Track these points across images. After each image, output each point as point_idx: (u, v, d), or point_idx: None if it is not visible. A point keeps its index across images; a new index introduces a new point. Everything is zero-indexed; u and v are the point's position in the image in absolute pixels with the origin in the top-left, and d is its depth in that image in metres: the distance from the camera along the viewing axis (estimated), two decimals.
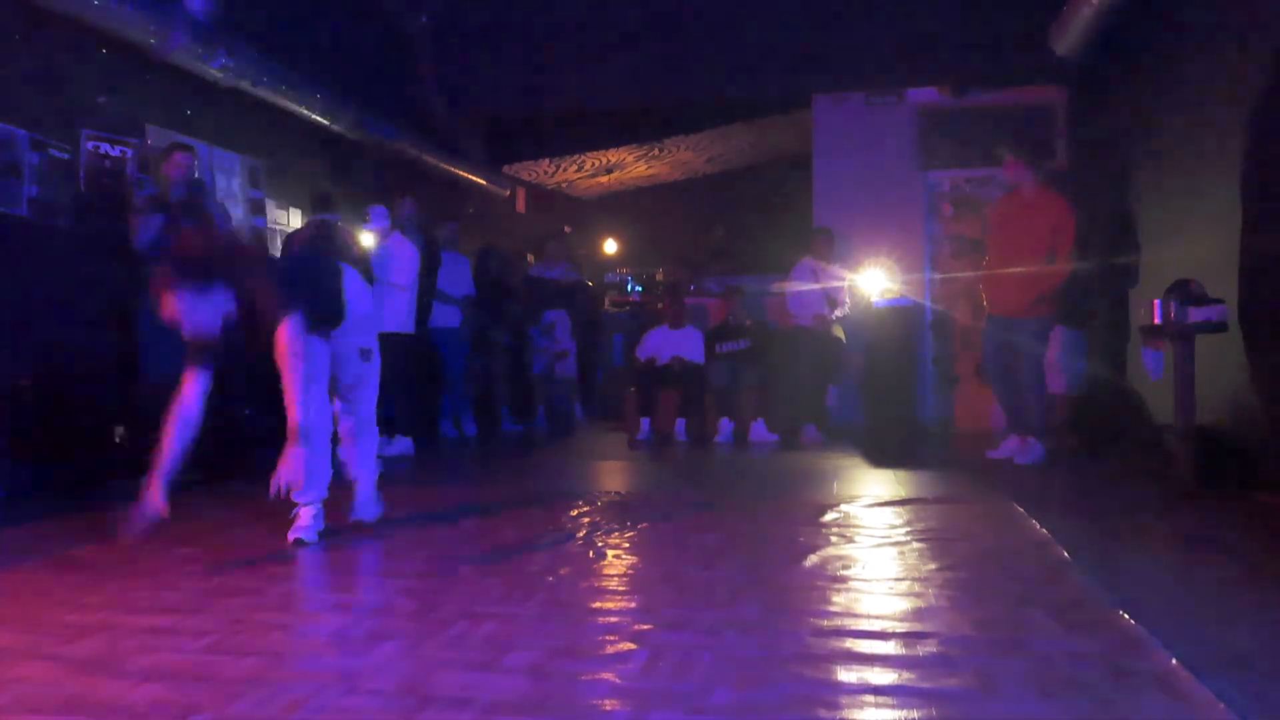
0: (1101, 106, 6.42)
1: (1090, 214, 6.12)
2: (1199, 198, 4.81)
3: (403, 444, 5.81)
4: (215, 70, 5.29)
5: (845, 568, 2.85)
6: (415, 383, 6.00)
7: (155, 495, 2.86)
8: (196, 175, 4.97)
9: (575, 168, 10.10)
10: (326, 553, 3.17)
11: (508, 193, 9.69)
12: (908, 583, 2.66)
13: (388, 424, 5.91)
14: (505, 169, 9.55)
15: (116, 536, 2.89)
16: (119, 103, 5.07)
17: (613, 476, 5.22)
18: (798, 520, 3.60)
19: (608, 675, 1.95)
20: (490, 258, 7.84)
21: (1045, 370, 5.24)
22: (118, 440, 4.77)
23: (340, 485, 3.45)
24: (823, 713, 1.74)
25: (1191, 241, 4.82)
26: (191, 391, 2.94)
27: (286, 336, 2.92)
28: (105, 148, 4.99)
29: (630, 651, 2.09)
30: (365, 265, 5.69)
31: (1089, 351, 6.01)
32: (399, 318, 5.96)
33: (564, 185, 10.94)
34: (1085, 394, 5.89)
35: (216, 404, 4.78)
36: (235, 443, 4.90)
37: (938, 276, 7.48)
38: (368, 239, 6.04)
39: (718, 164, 10.72)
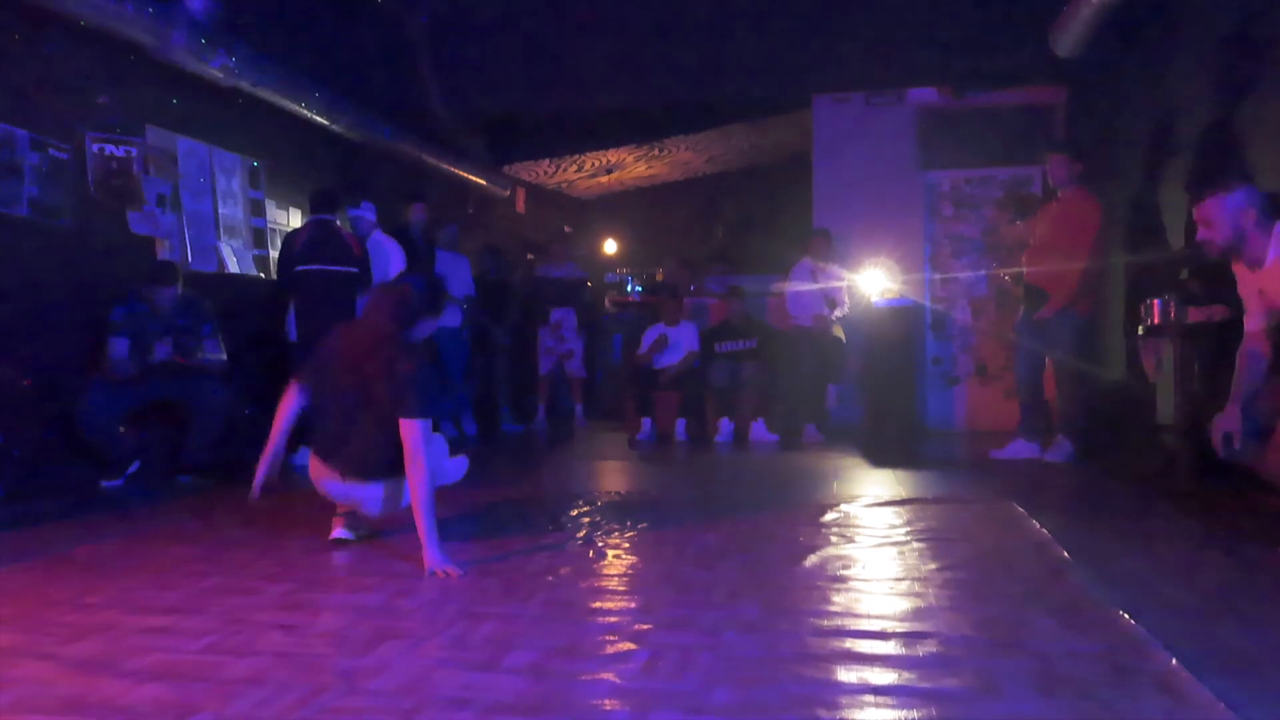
0: (1101, 106, 6.42)
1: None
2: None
3: None
4: (215, 70, 5.28)
5: (845, 568, 2.85)
6: None
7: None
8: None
9: (575, 168, 10.10)
10: (326, 553, 3.17)
11: (508, 193, 9.69)
12: (908, 583, 2.66)
13: None
14: (505, 169, 9.55)
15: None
16: (119, 103, 5.07)
17: (613, 476, 5.21)
18: (798, 520, 3.60)
19: (608, 675, 1.95)
20: (490, 258, 7.85)
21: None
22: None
23: None
24: (823, 713, 1.74)
25: (1191, 240, 4.83)
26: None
27: None
28: (110, 149, 5.00)
29: (630, 651, 2.09)
30: (365, 268, 5.68)
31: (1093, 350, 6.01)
32: None
33: (564, 185, 10.94)
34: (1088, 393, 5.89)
35: (221, 405, 4.84)
36: (235, 444, 4.91)
37: (938, 277, 7.48)
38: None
39: (718, 164, 10.71)
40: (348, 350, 3.17)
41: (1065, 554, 2.93)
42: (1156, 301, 4.29)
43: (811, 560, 2.95)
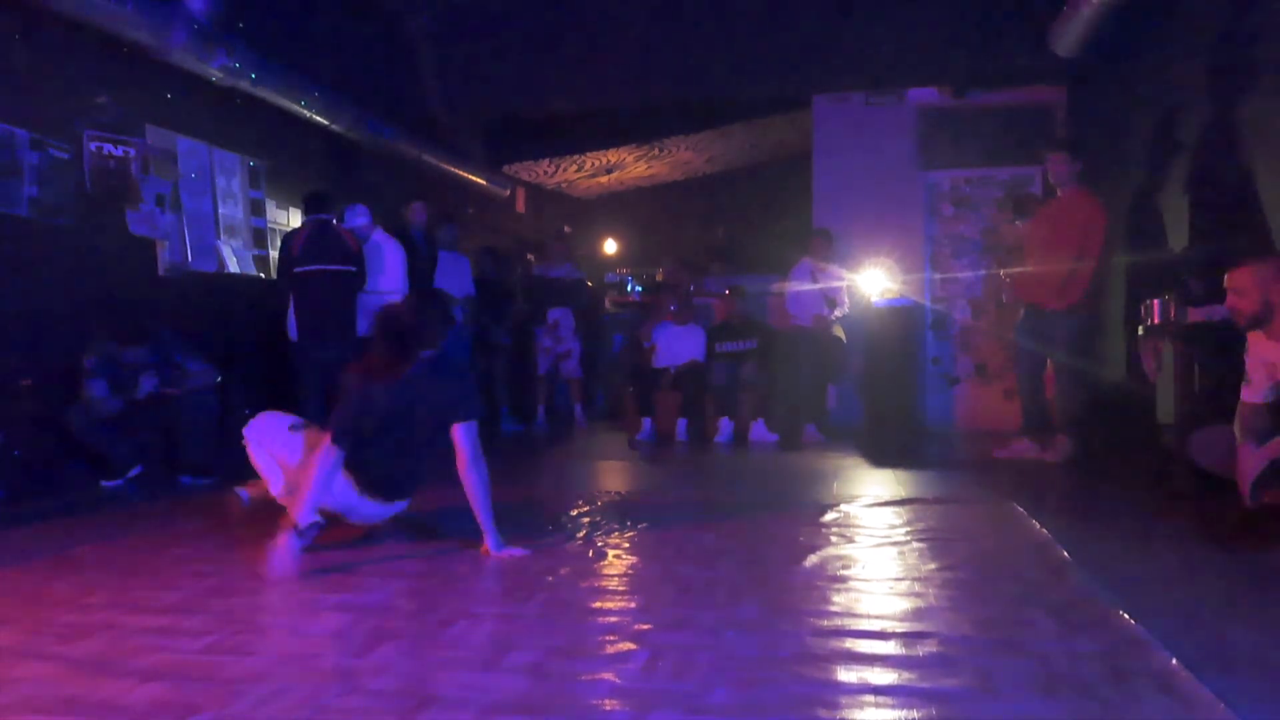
0: (1101, 106, 6.42)
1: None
2: (1199, 197, 4.82)
3: None
4: (215, 70, 5.29)
5: (845, 568, 2.85)
6: None
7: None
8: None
9: (575, 168, 10.10)
10: (326, 553, 3.17)
11: (508, 193, 9.69)
12: (908, 583, 2.66)
13: None
14: (505, 169, 9.55)
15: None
16: (119, 103, 5.07)
17: (613, 476, 5.21)
18: (798, 520, 3.60)
19: (608, 675, 1.95)
20: (489, 258, 7.84)
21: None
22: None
23: None
24: (823, 713, 1.74)
25: (1192, 240, 4.83)
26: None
27: None
28: (109, 148, 5.00)
29: (630, 651, 2.09)
30: (361, 267, 5.69)
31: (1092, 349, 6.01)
32: None
33: (564, 185, 10.94)
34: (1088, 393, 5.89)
35: (219, 407, 4.84)
36: (234, 444, 4.90)
37: (938, 277, 7.48)
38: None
39: (718, 164, 10.71)
40: (372, 384, 3.11)
41: (1065, 554, 2.93)
42: (1156, 301, 4.29)
43: (811, 560, 2.95)
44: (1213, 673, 1.87)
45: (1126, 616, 2.26)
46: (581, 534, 3.42)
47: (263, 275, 6.23)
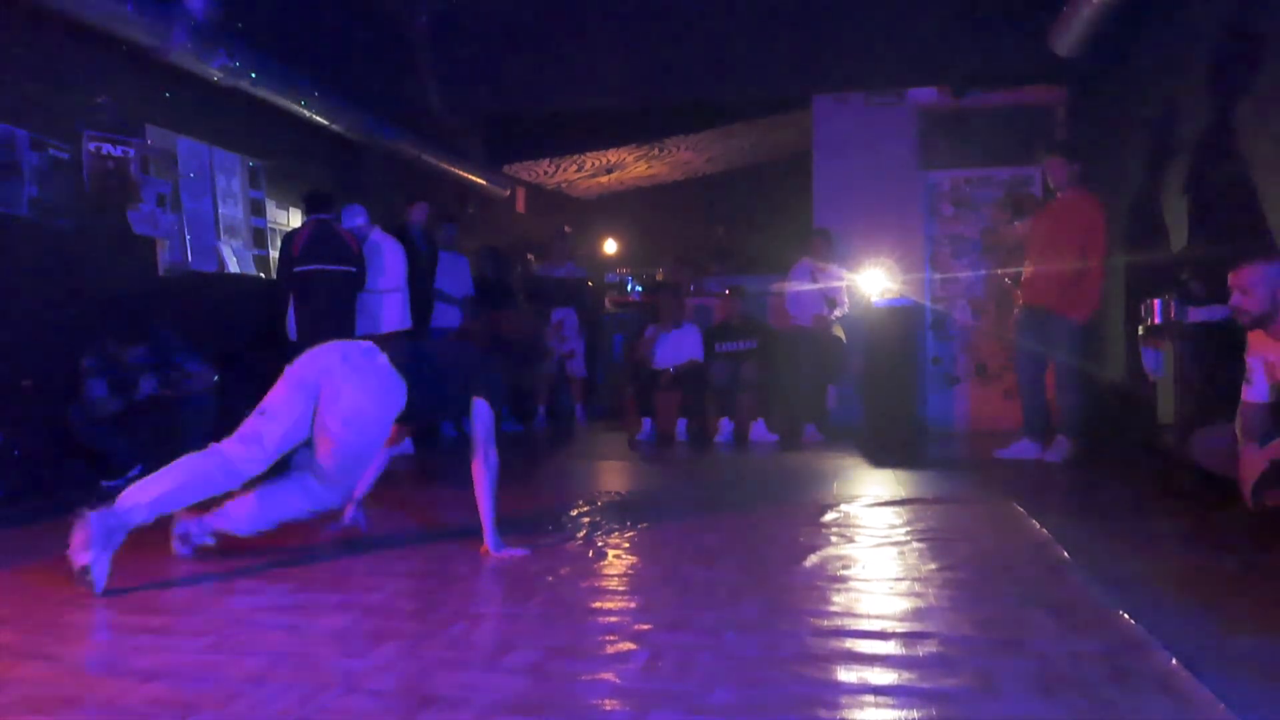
0: (1101, 107, 6.42)
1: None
2: (1199, 197, 4.82)
3: (402, 443, 5.81)
4: (215, 70, 5.29)
5: (845, 568, 2.85)
6: None
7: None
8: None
9: (575, 168, 10.10)
10: (327, 553, 3.17)
11: (508, 193, 9.69)
12: (908, 583, 2.66)
13: None
14: (505, 169, 9.55)
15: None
16: (119, 103, 5.07)
17: (613, 476, 5.21)
18: (798, 520, 3.60)
19: (608, 675, 1.95)
20: (490, 258, 7.84)
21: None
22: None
23: None
24: (823, 713, 1.74)
25: (1192, 240, 4.83)
26: None
27: None
28: (108, 148, 5.00)
29: (630, 651, 2.09)
30: (362, 267, 5.69)
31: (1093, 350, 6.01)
32: (395, 318, 5.96)
33: (564, 185, 10.94)
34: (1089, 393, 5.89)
35: (218, 408, 4.84)
36: None
37: (938, 277, 7.48)
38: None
39: (718, 164, 10.71)
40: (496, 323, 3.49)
41: (1065, 554, 2.93)
42: (1156, 301, 4.29)
43: (811, 560, 2.95)
44: (1213, 673, 1.87)
45: (1126, 616, 2.26)
46: (581, 534, 3.42)
47: (263, 275, 6.23)
